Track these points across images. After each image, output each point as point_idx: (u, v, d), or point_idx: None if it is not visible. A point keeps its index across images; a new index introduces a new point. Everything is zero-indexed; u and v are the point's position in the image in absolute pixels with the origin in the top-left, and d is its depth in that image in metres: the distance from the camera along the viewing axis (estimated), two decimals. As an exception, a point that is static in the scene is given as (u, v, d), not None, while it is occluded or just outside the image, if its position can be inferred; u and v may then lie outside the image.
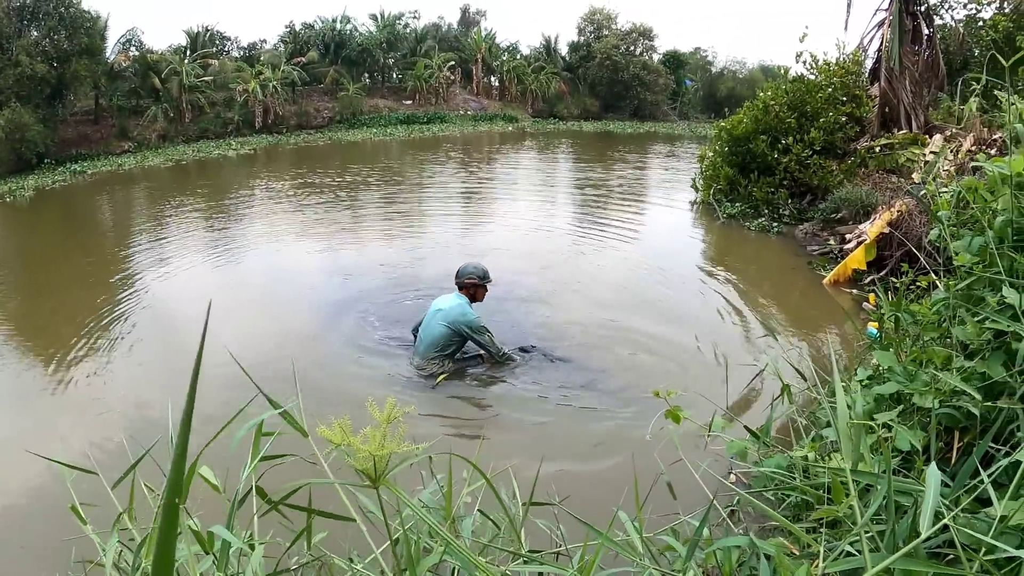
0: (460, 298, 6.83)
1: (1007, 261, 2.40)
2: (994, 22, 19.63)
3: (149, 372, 6.77)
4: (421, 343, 6.74)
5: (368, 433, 1.36)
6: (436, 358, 6.59)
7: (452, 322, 6.57)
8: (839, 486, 1.52)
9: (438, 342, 6.59)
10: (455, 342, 6.64)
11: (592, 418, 5.81)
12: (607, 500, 2.45)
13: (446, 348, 6.61)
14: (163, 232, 13.30)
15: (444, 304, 6.78)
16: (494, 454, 5.17)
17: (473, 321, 6.63)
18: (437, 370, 6.51)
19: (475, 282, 6.94)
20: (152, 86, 33.51)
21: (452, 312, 6.64)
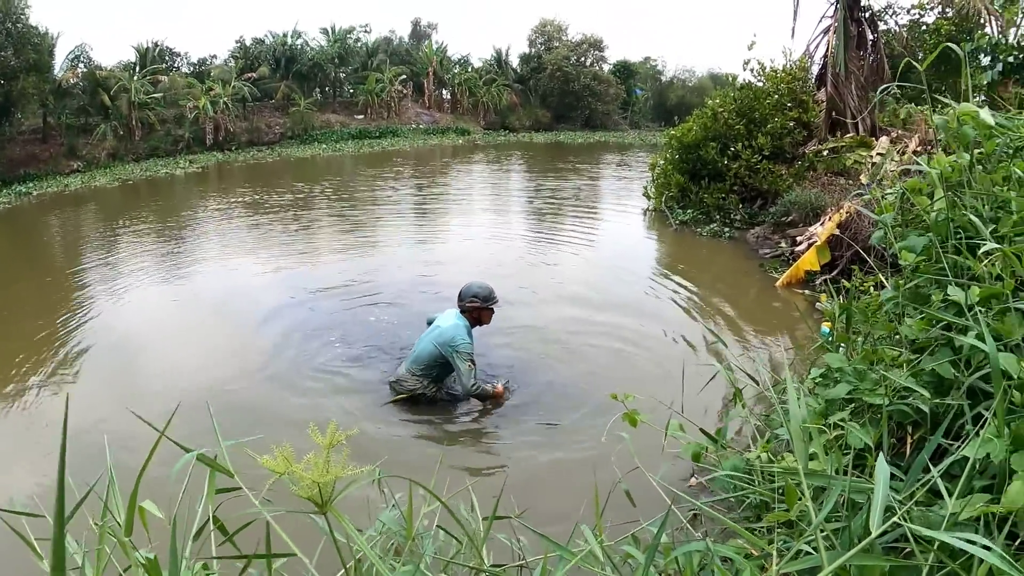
0: (460, 320, 6.43)
1: (950, 259, 2.45)
2: (937, 26, 20.13)
3: (98, 401, 6.49)
4: (410, 355, 6.44)
5: (311, 460, 1.34)
6: (419, 375, 6.26)
7: (441, 343, 6.22)
8: (792, 488, 1.53)
9: (422, 359, 6.27)
10: (439, 364, 6.26)
11: (551, 430, 5.81)
12: (571, 510, 2.45)
13: (430, 369, 6.26)
14: (113, 254, 13.00)
15: (443, 322, 6.43)
16: (454, 470, 5.16)
17: (459, 345, 6.19)
18: (410, 386, 6.25)
19: (477, 305, 6.48)
20: (101, 103, 32.72)
21: (445, 334, 6.26)
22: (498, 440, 5.76)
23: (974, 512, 1.56)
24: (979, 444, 1.70)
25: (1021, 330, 2.02)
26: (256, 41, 44.69)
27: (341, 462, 1.36)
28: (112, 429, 5.32)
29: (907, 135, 13.94)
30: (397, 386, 6.32)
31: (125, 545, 1.55)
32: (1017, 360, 1.80)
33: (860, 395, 2.37)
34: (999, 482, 1.69)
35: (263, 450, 1.37)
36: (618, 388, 6.13)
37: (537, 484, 5.05)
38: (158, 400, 6.16)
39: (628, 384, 6.45)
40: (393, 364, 7.01)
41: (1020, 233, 2.36)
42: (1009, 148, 2.97)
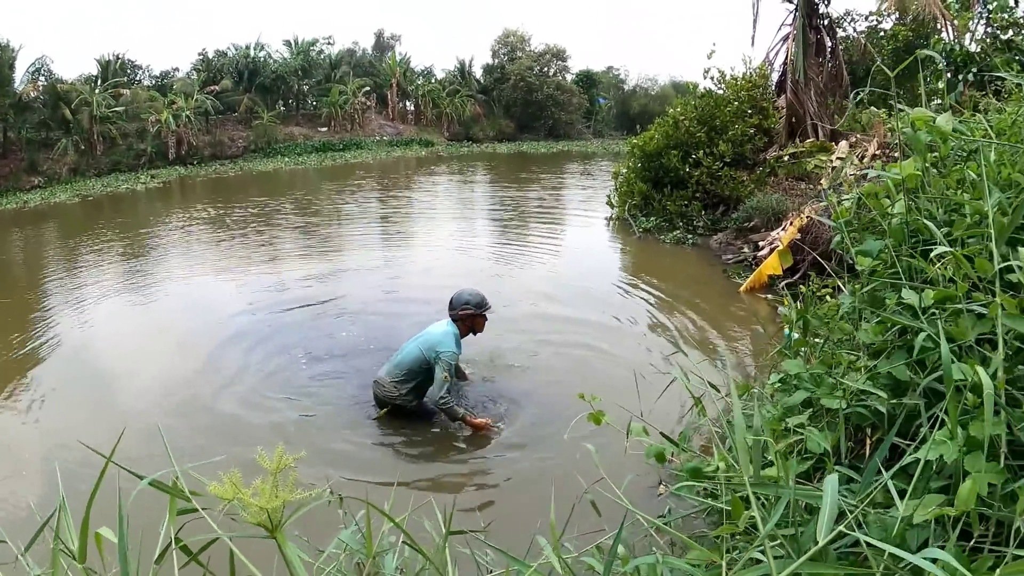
0: (451, 327, 6.25)
1: (906, 263, 2.48)
2: (894, 32, 20.49)
3: (61, 424, 6.32)
4: (394, 358, 6.28)
5: (258, 485, 1.32)
6: (400, 380, 6.09)
7: (427, 347, 6.06)
8: (738, 502, 1.53)
9: (405, 363, 6.10)
10: (424, 370, 6.08)
11: (516, 442, 5.81)
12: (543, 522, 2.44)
13: (412, 374, 6.08)
14: (73, 273, 12.77)
15: (431, 329, 6.30)
16: (421, 485, 5.13)
17: (445, 353, 6.00)
18: (390, 393, 6.09)
19: (471, 312, 6.31)
20: (63, 117, 32.06)
21: (432, 337, 6.12)
22: (465, 453, 5.74)
23: (927, 515, 1.57)
24: (932, 446, 1.71)
25: (974, 331, 2.05)
26: (219, 54, 44.27)
27: (289, 485, 1.34)
28: (71, 456, 5.24)
29: (866, 139, 14.14)
30: (378, 389, 6.20)
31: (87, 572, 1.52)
32: (970, 364, 1.81)
33: (818, 399, 2.39)
34: (955, 482, 1.70)
35: (226, 469, 1.35)
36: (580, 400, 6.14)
37: (507, 497, 5.04)
38: (120, 421, 6.05)
39: (591, 390, 6.48)
40: (359, 379, 6.97)
41: (974, 235, 2.38)
42: (963, 151, 3.01)
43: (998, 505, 1.68)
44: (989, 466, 1.68)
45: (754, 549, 1.46)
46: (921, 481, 1.81)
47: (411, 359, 6.11)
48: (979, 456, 1.70)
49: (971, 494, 1.55)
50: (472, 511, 4.50)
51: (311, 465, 5.18)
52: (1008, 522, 1.64)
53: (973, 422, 1.73)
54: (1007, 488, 1.68)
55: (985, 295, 2.05)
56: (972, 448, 1.71)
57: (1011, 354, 1.97)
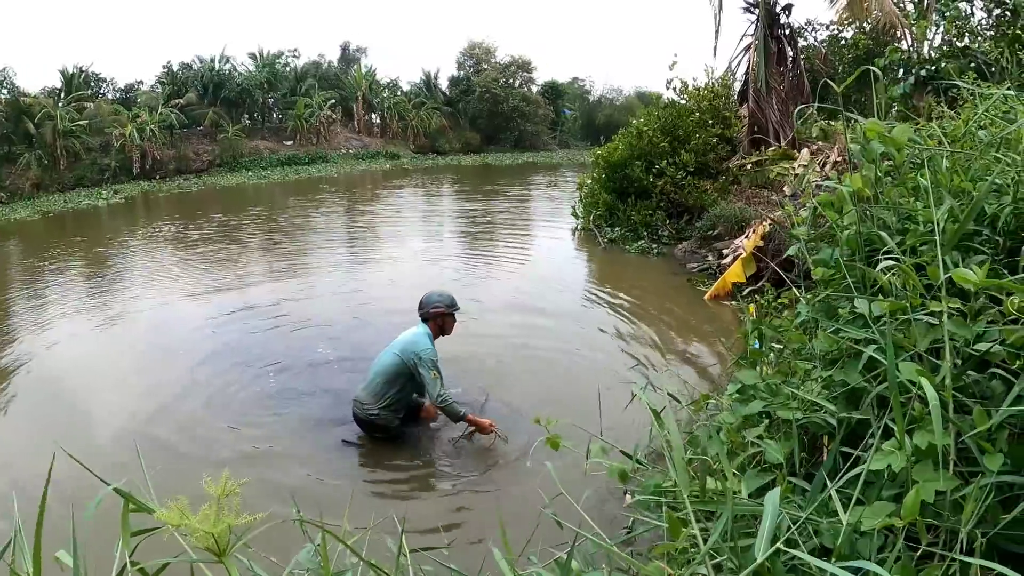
0: (422, 328, 6.12)
1: (859, 272, 2.50)
2: (855, 40, 20.80)
3: (20, 447, 6.19)
4: (369, 372, 6.06)
5: (204, 511, 1.31)
6: (380, 393, 5.85)
7: (403, 350, 5.89)
8: (675, 521, 1.53)
9: (386, 371, 5.88)
10: (404, 375, 5.87)
11: (483, 456, 5.79)
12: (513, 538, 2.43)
13: (392, 382, 5.86)
14: (34, 294, 12.57)
15: (405, 334, 6.11)
16: (382, 501, 5.10)
17: (424, 351, 5.85)
18: (372, 412, 5.85)
19: (442, 311, 6.20)
20: (25, 131, 31.58)
21: (405, 339, 5.98)
22: (431, 468, 5.71)
23: (876, 524, 1.58)
24: (879, 456, 1.73)
25: (925, 340, 2.07)
26: (183, 66, 43.91)
27: (234, 510, 1.33)
28: (30, 478, 5.13)
29: (828, 146, 14.31)
30: (358, 408, 5.93)
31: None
32: (916, 369, 1.83)
33: (774, 410, 2.40)
34: (906, 490, 1.71)
35: (184, 489, 1.34)
36: (547, 410, 6.13)
37: (473, 512, 5.02)
38: (82, 440, 5.96)
39: (555, 407, 6.44)
40: (326, 397, 6.93)
41: (926, 243, 2.41)
42: (916, 159, 3.05)
43: (947, 514, 1.69)
44: (937, 475, 1.69)
45: (696, 564, 1.46)
46: (873, 489, 1.82)
47: (389, 366, 5.90)
48: (927, 465, 1.72)
49: (916, 503, 1.57)
50: (436, 529, 4.47)
51: (275, 482, 5.13)
52: (956, 531, 1.66)
53: (918, 431, 1.74)
54: (963, 491, 1.69)
55: (935, 304, 2.07)
56: (921, 457, 1.73)
57: (961, 362, 1.99)
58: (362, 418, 5.95)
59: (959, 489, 1.70)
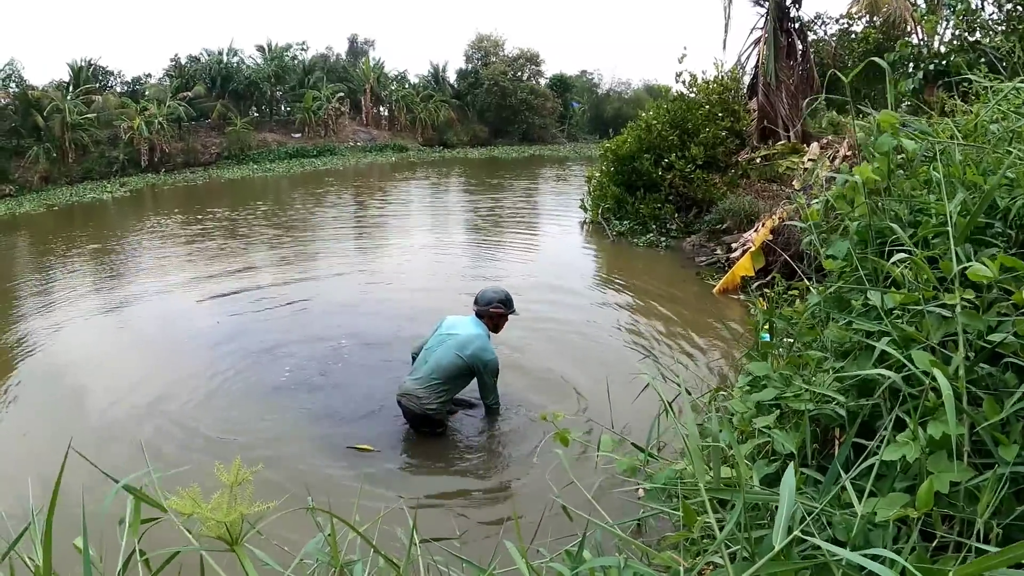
0: (480, 327, 6.04)
1: (871, 264, 2.50)
2: (865, 35, 20.70)
3: (28, 442, 6.17)
4: (423, 364, 5.86)
5: (216, 500, 1.31)
6: (435, 387, 5.73)
7: (470, 356, 5.78)
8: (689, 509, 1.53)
9: (447, 371, 5.75)
10: (464, 376, 5.86)
11: (493, 447, 5.80)
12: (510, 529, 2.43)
13: (451, 380, 5.80)
14: (44, 285, 12.57)
15: (462, 330, 5.95)
16: (388, 496, 5.10)
17: (492, 362, 5.84)
18: (426, 403, 5.71)
19: (501, 311, 6.17)
20: (34, 124, 31.63)
21: (472, 344, 5.82)
22: (442, 460, 5.71)
23: (891, 515, 1.58)
24: (893, 447, 1.72)
25: (938, 333, 2.06)
26: (191, 59, 43.98)
27: (247, 498, 1.33)
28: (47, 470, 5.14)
29: (837, 140, 14.28)
30: (410, 402, 5.76)
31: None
32: (930, 359, 1.83)
33: (785, 400, 2.40)
34: (920, 482, 1.71)
35: (189, 480, 1.34)
36: (556, 403, 6.17)
37: (484, 503, 5.03)
38: (94, 432, 6.00)
39: (565, 399, 6.48)
40: (337, 389, 6.94)
41: (938, 235, 2.41)
42: (929, 153, 3.04)
43: (961, 505, 1.69)
44: (952, 465, 1.69)
45: (711, 554, 1.46)
46: (886, 481, 1.82)
47: (451, 367, 5.78)
48: (941, 456, 1.72)
49: (929, 494, 1.57)
50: (446, 519, 4.49)
51: (285, 473, 5.14)
52: (972, 523, 1.65)
53: (932, 422, 1.74)
54: (975, 480, 1.69)
55: (949, 296, 2.07)
56: (935, 448, 1.73)
57: (974, 354, 1.98)
58: (417, 412, 5.79)
59: (972, 480, 1.70)
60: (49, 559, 1.51)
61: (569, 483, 2.43)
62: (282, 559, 1.90)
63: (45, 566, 1.51)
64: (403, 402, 5.84)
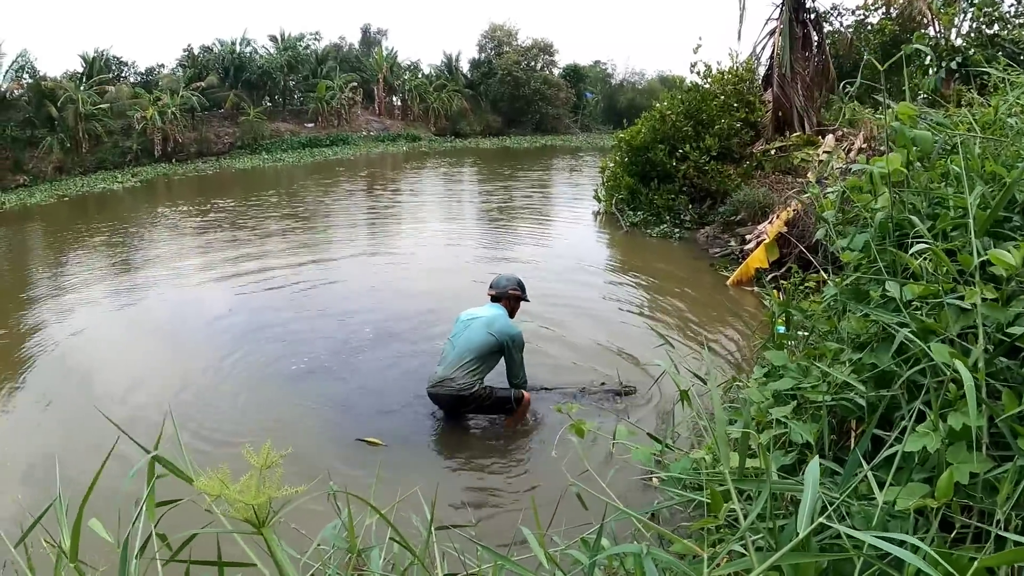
0: (499, 309, 6.15)
1: (889, 256, 2.49)
2: (881, 26, 20.52)
3: (47, 427, 6.25)
4: (451, 350, 5.90)
5: (244, 482, 1.32)
6: (469, 367, 5.73)
7: (499, 331, 5.87)
8: (717, 495, 1.54)
9: (479, 348, 5.80)
10: (495, 354, 5.90)
11: (507, 438, 5.81)
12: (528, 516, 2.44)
13: (484, 359, 5.82)
14: (57, 277, 12.64)
15: (483, 313, 6.06)
16: (403, 480, 5.12)
17: (518, 335, 5.98)
18: (462, 384, 5.69)
19: (519, 294, 6.31)
20: (48, 115, 31.68)
21: (497, 321, 5.93)
22: (457, 448, 5.73)
23: (911, 505, 1.59)
24: (914, 437, 1.73)
25: (957, 325, 2.06)
26: (204, 49, 44.04)
27: (276, 481, 1.34)
28: (67, 455, 5.19)
29: (853, 133, 14.18)
30: (445, 389, 5.75)
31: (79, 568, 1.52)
32: (950, 351, 1.83)
33: (802, 391, 2.40)
34: (938, 474, 1.72)
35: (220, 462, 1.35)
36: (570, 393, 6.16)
37: (500, 491, 5.04)
38: (116, 418, 6.02)
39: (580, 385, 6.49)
40: (353, 377, 7.00)
41: (957, 228, 2.40)
42: (947, 145, 3.03)
43: (980, 496, 1.69)
44: (971, 455, 1.69)
45: (735, 541, 1.47)
46: (904, 473, 1.83)
47: (483, 344, 5.83)
48: (961, 447, 1.72)
49: (949, 484, 1.57)
50: (463, 507, 4.51)
51: (308, 460, 5.17)
52: (990, 514, 1.66)
53: (952, 413, 1.74)
54: (994, 471, 1.70)
55: (967, 288, 2.06)
56: (955, 440, 1.73)
57: (993, 347, 1.98)
58: (454, 395, 5.76)
59: (991, 472, 1.70)
60: (77, 541, 1.53)
61: (584, 471, 2.44)
62: (297, 545, 1.92)
63: (72, 548, 1.53)
64: (437, 391, 5.82)
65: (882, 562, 1.38)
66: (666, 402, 5.89)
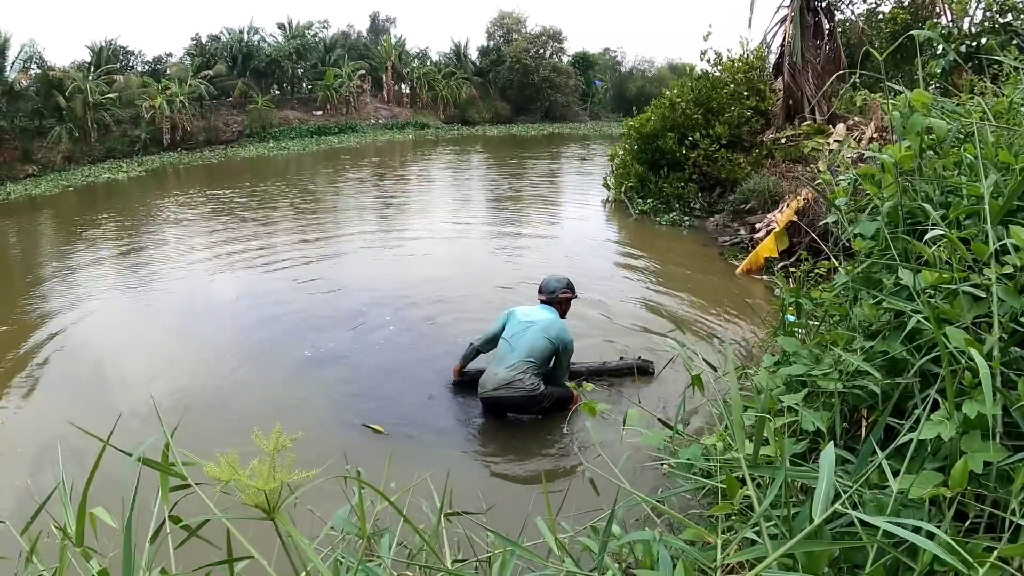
0: (552, 312, 6.19)
1: (902, 244, 2.48)
2: (893, 15, 20.37)
3: (55, 412, 6.24)
4: (510, 352, 5.87)
5: (255, 467, 1.32)
6: (529, 370, 5.72)
7: (556, 338, 5.88)
8: (732, 481, 1.54)
9: (540, 353, 5.81)
10: (548, 359, 5.88)
11: (517, 426, 5.82)
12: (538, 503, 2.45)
13: (541, 364, 5.80)
14: (64, 268, 12.65)
15: (538, 317, 6.07)
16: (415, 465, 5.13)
17: (572, 343, 6.01)
18: (527, 385, 5.67)
19: (570, 296, 6.40)
20: (56, 105, 31.72)
21: (554, 327, 5.94)
22: (470, 435, 5.74)
23: (925, 493, 1.58)
24: (929, 425, 1.72)
25: (970, 313, 2.05)
26: (212, 38, 44.05)
27: (287, 466, 1.34)
28: (69, 442, 5.21)
29: (864, 122, 14.11)
30: (507, 391, 5.70)
31: (86, 552, 1.53)
32: (965, 338, 1.82)
33: (814, 379, 2.39)
34: (951, 464, 1.71)
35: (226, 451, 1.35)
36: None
37: (510, 477, 5.05)
38: (119, 407, 6.05)
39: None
40: (362, 368, 7.00)
41: (970, 216, 2.38)
42: (960, 134, 3.00)
43: (994, 486, 1.69)
44: (985, 444, 1.68)
45: (748, 528, 1.47)
46: (916, 462, 1.82)
47: (543, 350, 5.84)
48: (975, 436, 1.71)
49: (964, 473, 1.56)
50: (473, 493, 4.52)
51: (318, 447, 5.18)
52: (1004, 504, 1.65)
53: (967, 402, 1.73)
54: (1008, 460, 1.69)
55: (980, 276, 2.05)
56: (969, 428, 1.72)
57: (1006, 336, 1.97)
58: (524, 396, 5.71)
59: (1005, 461, 1.69)
60: (82, 526, 1.53)
61: (596, 455, 2.44)
62: (308, 530, 1.92)
63: (78, 533, 1.54)
64: (499, 395, 5.75)
65: (896, 550, 1.38)
66: (674, 388, 5.88)
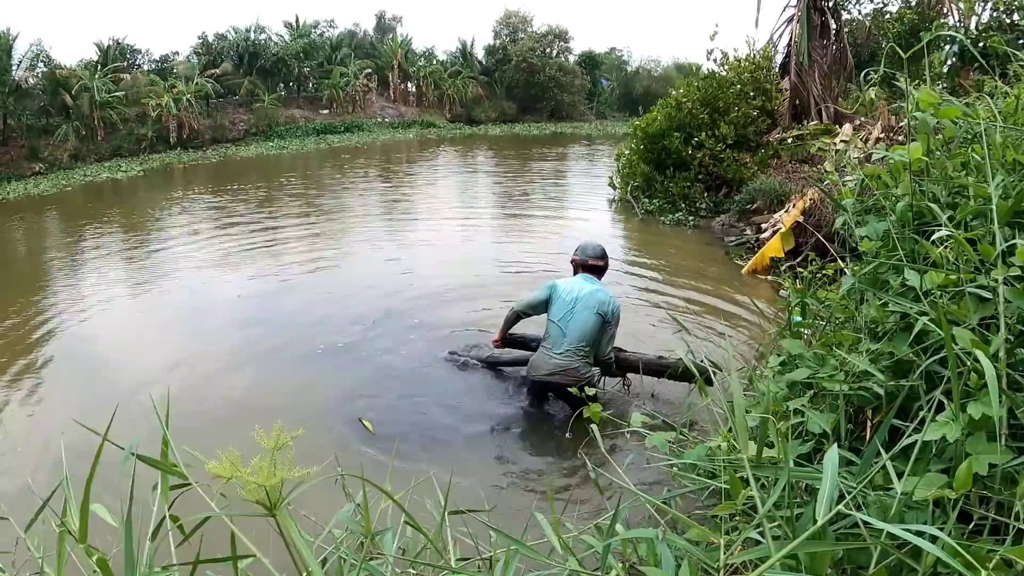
0: (595, 282, 5.85)
1: (909, 245, 2.47)
2: (900, 15, 20.34)
3: (57, 410, 6.28)
4: (562, 338, 5.60)
5: (255, 464, 1.31)
6: (587, 354, 5.58)
7: (605, 311, 5.62)
8: (736, 481, 1.54)
9: (592, 334, 5.58)
10: (602, 334, 5.64)
11: (521, 424, 5.81)
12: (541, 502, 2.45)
13: (596, 343, 5.61)
14: (66, 266, 12.69)
15: (582, 290, 5.73)
16: (418, 464, 5.13)
17: (616, 307, 5.71)
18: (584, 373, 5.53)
19: (606, 263, 6.14)
20: (63, 103, 31.79)
21: (603, 300, 5.66)
22: (474, 431, 5.72)
23: (929, 495, 1.58)
24: (934, 427, 1.71)
25: (976, 314, 2.04)
26: (219, 37, 44.10)
27: (288, 463, 1.33)
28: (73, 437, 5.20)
29: (870, 122, 14.09)
30: (562, 378, 5.45)
31: (88, 550, 1.53)
32: (972, 339, 1.81)
33: (819, 381, 2.38)
34: (955, 465, 1.70)
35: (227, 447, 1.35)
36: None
37: (514, 475, 5.04)
38: (122, 403, 6.04)
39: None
40: (364, 365, 6.99)
41: (977, 217, 2.37)
42: (968, 134, 2.99)
43: (999, 488, 1.68)
44: (990, 446, 1.68)
45: (751, 529, 1.46)
46: (920, 463, 1.81)
47: (595, 328, 5.61)
48: (980, 438, 1.70)
49: (968, 475, 1.56)
50: (476, 492, 4.51)
51: (317, 443, 5.18)
52: (1008, 506, 1.64)
53: (973, 403, 1.73)
54: (1013, 462, 1.68)
55: (987, 278, 2.04)
56: (974, 430, 1.72)
57: (1012, 338, 1.96)
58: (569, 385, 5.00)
59: (1010, 463, 1.68)
60: (85, 523, 1.53)
61: (601, 459, 2.44)
62: (309, 528, 1.92)
63: (82, 530, 1.54)
64: (554, 379, 5.57)
65: (900, 552, 1.37)
66: (679, 389, 5.86)
